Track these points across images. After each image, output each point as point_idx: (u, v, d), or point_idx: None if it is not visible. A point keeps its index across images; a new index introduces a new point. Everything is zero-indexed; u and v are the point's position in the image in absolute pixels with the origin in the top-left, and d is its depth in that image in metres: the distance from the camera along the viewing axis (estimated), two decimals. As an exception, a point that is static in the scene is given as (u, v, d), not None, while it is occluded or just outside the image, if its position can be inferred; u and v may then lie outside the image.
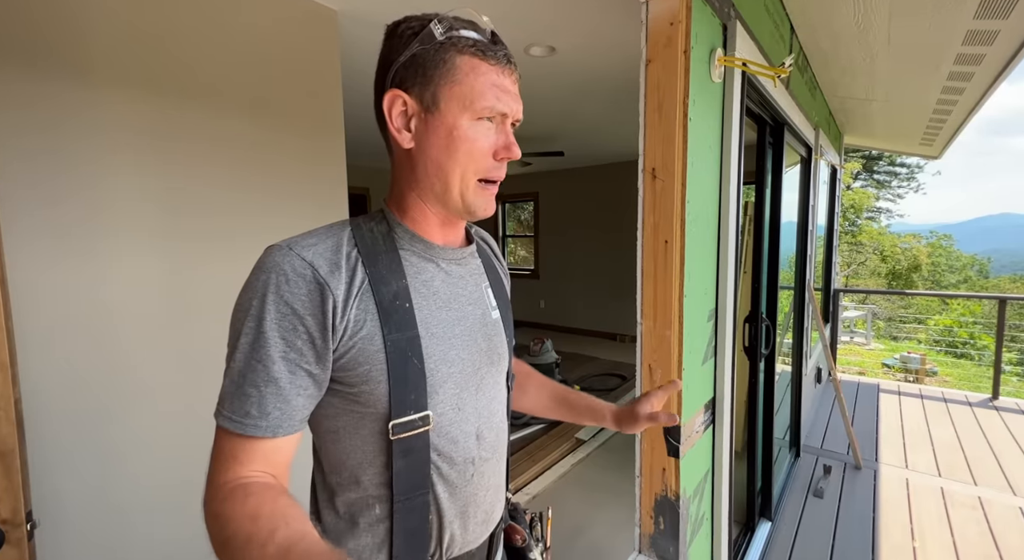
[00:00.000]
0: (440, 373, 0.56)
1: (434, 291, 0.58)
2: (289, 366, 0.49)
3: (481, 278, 0.66)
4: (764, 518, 2.18)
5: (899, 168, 16.07)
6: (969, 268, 17.81)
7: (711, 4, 1.15)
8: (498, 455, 0.65)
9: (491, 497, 0.64)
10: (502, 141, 0.56)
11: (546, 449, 2.93)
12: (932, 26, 1.85)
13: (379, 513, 0.56)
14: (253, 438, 0.49)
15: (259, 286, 0.49)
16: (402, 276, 0.55)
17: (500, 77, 0.54)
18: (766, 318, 1.93)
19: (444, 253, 0.60)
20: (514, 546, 0.75)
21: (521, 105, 0.58)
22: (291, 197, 1.64)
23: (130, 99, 1.26)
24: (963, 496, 2.44)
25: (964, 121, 3.15)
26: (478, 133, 0.54)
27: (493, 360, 0.64)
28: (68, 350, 1.17)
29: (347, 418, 0.55)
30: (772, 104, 1.72)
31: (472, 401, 0.60)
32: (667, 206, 1.09)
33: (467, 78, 0.53)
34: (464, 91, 0.53)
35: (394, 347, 0.53)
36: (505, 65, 0.55)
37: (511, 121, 0.57)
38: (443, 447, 0.57)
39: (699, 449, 1.27)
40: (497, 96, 0.54)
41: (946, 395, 3.93)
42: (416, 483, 0.56)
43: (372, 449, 0.55)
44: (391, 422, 0.53)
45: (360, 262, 0.53)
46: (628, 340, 5.87)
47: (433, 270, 0.59)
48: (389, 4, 1.80)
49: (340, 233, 0.55)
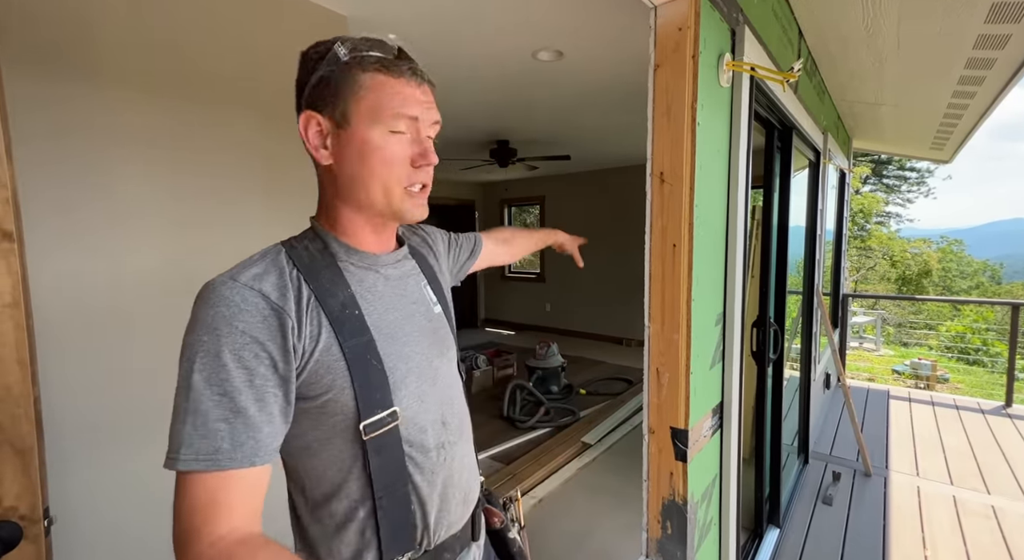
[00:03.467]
0: (400, 370, 0.59)
1: (378, 296, 0.61)
2: (256, 393, 0.48)
3: (419, 277, 0.70)
4: (772, 524, 2.16)
5: (909, 172, 15.94)
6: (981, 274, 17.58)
7: (719, 9, 1.15)
8: (464, 438, 0.70)
9: (467, 477, 0.68)
10: (417, 149, 0.58)
11: (551, 453, 2.92)
12: (943, 30, 1.85)
13: (363, 514, 0.58)
14: (230, 472, 0.46)
15: (208, 321, 0.48)
16: (346, 286, 0.58)
17: (406, 88, 0.57)
18: (774, 323, 1.92)
19: (380, 259, 0.64)
20: (493, 529, 0.79)
21: (434, 112, 0.60)
22: (300, 201, 1.66)
23: (143, 104, 1.28)
24: (976, 505, 2.40)
25: (975, 125, 3.12)
26: (390, 143, 0.56)
27: (443, 351, 0.68)
28: (84, 347, 1.20)
29: (317, 432, 0.56)
30: (780, 108, 1.72)
31: (432, 392, 0.63)
32: (675, 210, 1.09)
33: (371, 93, 0.55)
34: (371, 105, 0.55)
35: (352, 353, 0.55)
36: (410, 77, 0.57)
37: (428, 129, 0.59)
38: (413, 438, 0.60)
39: (707, 453, 1.27)
40: (402, 105, 0.56)
41: (958, 402, 3.87)
42: (394, 477, 0.58)
43: (347, 455, 0.56)
44: (362, 423, 0.55)
45: (303, 280, 0.55)
46: (634, 344, 5.85)
47: (374, 277, 0.62)
48: (397, 9, 1.82)
49: (276, 256, 0.56)
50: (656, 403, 1.17)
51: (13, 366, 0.67)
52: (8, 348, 0.67)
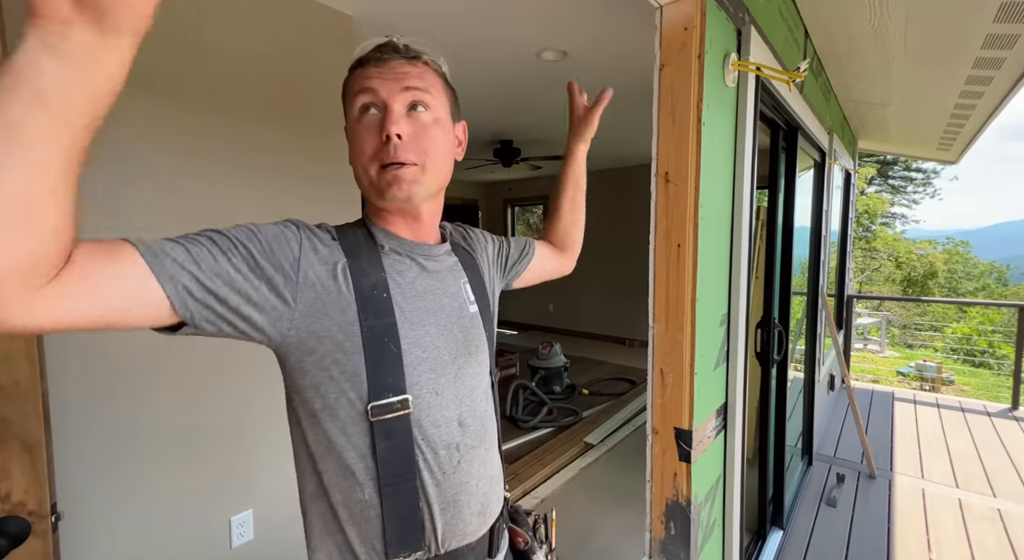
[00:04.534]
0: (413, 355, 0.59)
1: (409, 281, 0.62)
2: (219, 247, 0.48)
3: (459, 274, 0.69)
4: (776, 526, 2.15)
5: (914, 173, 15.82)
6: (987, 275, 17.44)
7: (725, 9, 1.15)
8: (486, 445, 0.67)
9: (484, 487, 0.66)
10: (383, 124, 0.58)
11: (554, 453, 2.92)
12: (950, 30, 1.83)
13: (367, 497, 0.57)
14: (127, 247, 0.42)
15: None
16: (381, 270, 0.60)
17: (370, 69, 0.59)
18: (778, 324, 1.92)
19: (419, 249, 0.65)
20: (517, 548, 0.76)
21: (401, 81, 0.59)
22: (307, 198, 1.66)
23: (152, 105, 1.29)
24: (982, 508, 2.38)
25: (983, 126, 3.10)
26: (362, 126, 0.60)
27: (471, 351, 0.66)
28: (94, 344, 1.20)
29: (326, 399, 0.56)
30: (786, 108, 1.71)
31: (451, 388, 0.62)
32: (680, 210, 1.09)
33: (349, 87, 0.61)
34: (348, 97, 0.61)
35: (371, 333, 0.56)
36: (376, 61, 0.59)
37: (395, 98, 0.59)
38: (425, 431, 0.59)
39: (711, 454, 1.27)
40: (361, 84, 0.59)
41: (963, 404, 3.84)
42: (402, 467, 0.58)
43: (355, 431, 0.56)
44: (369, 404, 0.56)
45: (340, 250, 0.59)
46: (637, 344, 5.84)
47: (409, 263, 0.63)
48: (401, 8, 1.82)
49: (328, 228, 0.62)
50: (660, 404, 1.17)
51: (22, 361, 0.68)
52: (17, 343, 0.67)
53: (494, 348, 0.75)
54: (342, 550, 0.59)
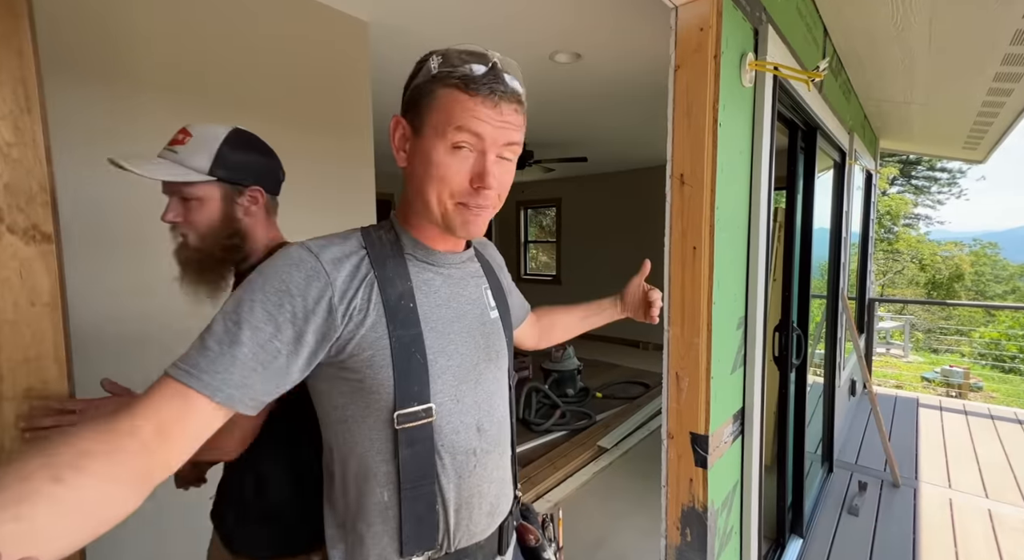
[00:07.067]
0: (438, 365, 0.60)
1: (435, 290, 0.63)
2: (257, 337, 0.50)
3: (481, 280, 0.71)
4: (795, 534, 2.10)
5: (939, 173, 15.37)
6: (1017, 278, 16.83)
7: (742, 8, 1.14)
8: (500, 449, 0.69)
9: (495, 490, 0.67)
10: (477, 169, 0.57)
11: (567, 457, 2.90)
12: (977, 26, 1.78)
13: (386, 499, 0.59)
14: (190, 391, 0.47)
15: (265, 269, 0.54)
16: (407, 279, 0.60)
17: (478, 106, 0.55)
18: (797, 327, 1.88)
19: (445, 258, 0.66)
20: (528, 546, 0.78)
21: (510, 133, 0.58)
22: (321, 202, 1.69)
23: (176, 108, 1.33)
24: (1014, 519, 2.29)
25: (1012, 124, 3.00)
26: (452, 160, 0.57)
27: (491, 357, 0.67)
28: (121, 348, 1.24)
29: (355, 408, 0.59)
30: (804, 108, 1.68)
31: (471, 394, 0.63)
32: (695, 212, 1.08)
33: (444, 108, 0.56)
34: (441, 119, 0.56)
35: (399, 343, 0.57)
36: (488, 96, 0.55)
37: (497, 149, 0.57)
38: (445, 437, 0.61)
39: (727, 460, 1.24)
40: (466, 121, 0.55)
41: (993, 412, 3.71)
42: (422, 472, 0.59)
43: (379, 436, 0.58)
44: (396, 412, 0.57)
45: (370, 262, 0.58)
46: (652, 348, 5.77)
47: (434, 272, 0.64)
48: (417, 17, 1.84)
49: (351, 237, 0.61)
50: (675, 408, 1.15)
51: (50, 363, 0.70)
52: (46, 345, 0.69)
53: (512, 353, 0.76)
54: (358, 547, 0.61)
